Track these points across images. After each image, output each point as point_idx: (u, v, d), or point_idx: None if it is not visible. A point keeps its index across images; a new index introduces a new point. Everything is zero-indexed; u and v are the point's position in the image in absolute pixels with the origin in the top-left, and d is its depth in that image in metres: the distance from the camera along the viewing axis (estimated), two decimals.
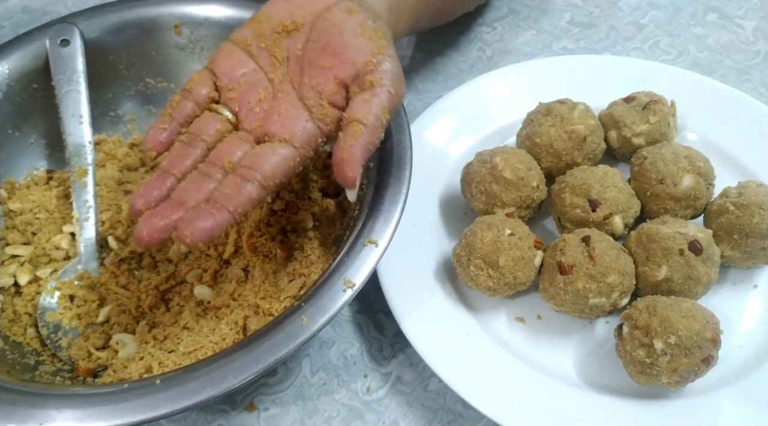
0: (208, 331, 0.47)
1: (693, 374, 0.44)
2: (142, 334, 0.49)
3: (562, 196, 0.52)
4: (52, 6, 0.78)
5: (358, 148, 0.39)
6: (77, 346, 0.48)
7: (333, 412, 0.49)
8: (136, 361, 0.46)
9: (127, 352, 0.48)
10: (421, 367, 0.51)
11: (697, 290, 0.47)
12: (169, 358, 0.46)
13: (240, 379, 0.37)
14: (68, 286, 0.51)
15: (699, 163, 0.52)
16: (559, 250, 0.48)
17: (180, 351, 0.46)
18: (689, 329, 0.43)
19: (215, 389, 0.37)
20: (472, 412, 0.48)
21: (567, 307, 0.48)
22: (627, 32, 0.74)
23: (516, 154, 0.53)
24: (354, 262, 0.41)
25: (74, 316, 0.50)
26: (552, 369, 0.48)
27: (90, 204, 0.53)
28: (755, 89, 0.68)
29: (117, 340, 0.48)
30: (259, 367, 0.38)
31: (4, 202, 0.55)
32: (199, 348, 0.46)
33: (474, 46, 0.73)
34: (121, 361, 0.47)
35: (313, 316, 0.39)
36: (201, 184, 0.39)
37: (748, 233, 0.49)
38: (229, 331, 0.47)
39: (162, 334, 0.48)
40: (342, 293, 0.40)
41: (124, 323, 0.50)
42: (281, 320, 0.40)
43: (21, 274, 0.52)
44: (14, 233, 0.53)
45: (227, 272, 0.51)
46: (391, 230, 0.43)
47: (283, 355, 0.38)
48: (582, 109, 0.55)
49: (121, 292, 0.51)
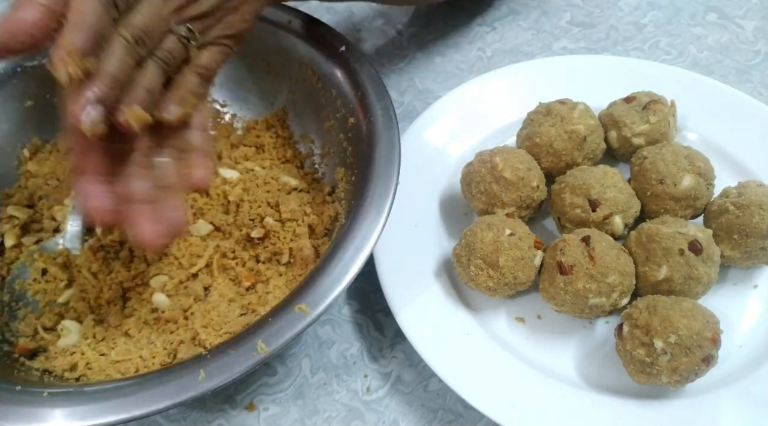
0: (144, 343, 0.47)
1: (693, 374, 0.44)
2: (87, 327, 0.49)
3: (562, 196, 0.52)
4: None
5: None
6: (28, 322, 0.49)
7: (333, 412, 0.49)
8: (66, 355, 0.47)
9: (67, 341, 0.48)
10: (421, 367, 0.51)
11: (697, 290, 0.48)
12: (97, 361, 0.46)
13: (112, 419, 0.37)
14: (45, 260, 0.51)
15: (699, 163, 0.52)
16: (559, 250, 0.48)
17: (111, 357, 0.46)
18: (689, 329, 0.43)
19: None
20: (472, 412, 0.48)
21: (567, 307, 0.48)
22: (627, 32, 0.74)
23: (516, 154, 0.53)
24: (274, 327, 0.40)
25: (40, 290, 0.50)
26: (552, 369, 0.48)
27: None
28: (755, 89, 0.68)
29: (63, 326, 0.49)
30: (148, 409, 0.37)
31: (25, 161, 0.56)
32: (127, 359, 0.46)
33: (474, 46, 0.73)
34: (56, 349, 0.47)
35: (214, 372, 0.38)
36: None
37: (748, 233, 0.49)
38: (161, 351, 0.47)
39: (102, 334, 0.48)
40: (250, 358, 0.39)
41: (79, 310, 0.50)
42: (182, 367, 0.39)
43: (9, 236, 0.52)
44: (23, 193, 0.54)
45: (190, 286, 0.51)
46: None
47: (169, 405, 0.37)
48: (582, 109, 0.55)
49: (89, 278, 0.51)
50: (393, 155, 0.47)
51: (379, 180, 0.46)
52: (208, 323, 0.48)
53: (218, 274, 0.51)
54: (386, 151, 0.47)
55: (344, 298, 0.55)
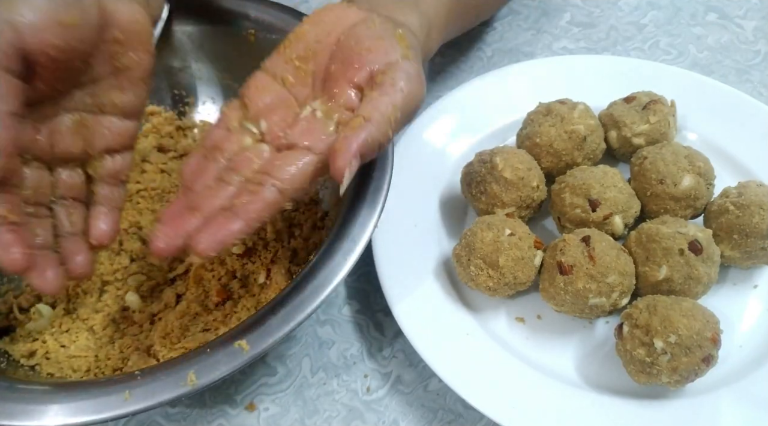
0: (105, 342, 0.47)
1: (693, 374, 0.44)
2: (57, 315, 0.49)
3: (562, 196, 0.52)
4: None
5: (354, 140, 0.37)
6: (5, 299, 0.49)
7: (333, 412, 0.49)
8: (27, 341, 0.46)
9: (36, 325, 0.48)
10: (421, 367, 0.51)
11: (698, 290, 0.48)
12: (55, 353, 0.46)
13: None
14: None
15: (699, 163, 0.52)
16: (559, 250, 0.48)
17: (69, 350, 0.46)
18: (689, 328, 0.43)
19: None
20: (472, 412, 0.48)
21: (567, 307, 0.48)
22: (627, 32, 0.74)
23: (516, 154, 0.53)
24: (208, 361, 0.38)
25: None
26: (552, 369, 0.48)
27: None
28: (755, 89, 0.68)
29: (36, 309, 0.48)
30: (65, 422, 0.36)
31: None
32: (83, 356, 0.46)
33: (474, 46, 0.73)
34: (22, 332, 0.47)
35: (140, 395, 0.37)
36: (218, 191, 0.39)
37: (748, 233, 0.49)
38: (117, 354, 0.46)
39: (69, 325, 0.48)
40: (178, 388, 0.37)
41: (56, 295, 0.50)
42: (115, 382, 0.38)
43: None
44: None
45: (165, 291, 0.50)
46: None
47: (90, 421, 0.36)
48: (582, 109, 0.55)
49: None
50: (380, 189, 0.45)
51: (357, 218, 0.43)
52: (167, 334, 0.47)
53: (192, 284, 0.50)
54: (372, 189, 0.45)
55: (344, 298, 0.55)
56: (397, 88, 0.39)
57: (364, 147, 0.37)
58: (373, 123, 0.38)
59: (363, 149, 0.37)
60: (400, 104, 0.39)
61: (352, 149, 0.37)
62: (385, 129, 0.38)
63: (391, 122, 0.39)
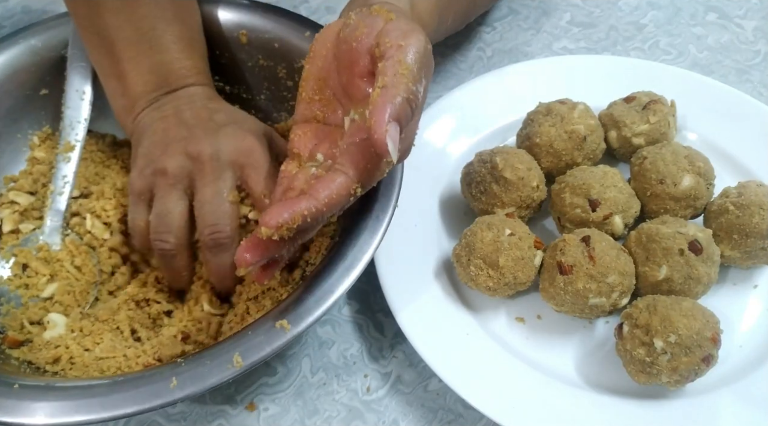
0: (131, 341, 0.47)
1: (693, 373, 0.44)
2: (74, 320, 0.48)
3: (562, 196, 0.52)
4: (51, 6, 0.78)
5: (381, 107, 0.36)
6: (13, 316, 0.49)
7: (333, 412, 0.49)
8: (51, 348, 0.46)
9: (53, 333, 0.48)
10: (421, 367, 0.51)
11: (698, 290, 0.48)
12: (81, 357, 0.46)
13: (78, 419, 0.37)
14: (25, 255, 0.51)
15: (699, 163, 0.52)
16: (559, 250, 0.48)
17: (95, 353, 0.46)
18: (689, 328, 0.43)
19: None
20: (472, 412, 0.48)
21: (567, 307, 0.48)
22: (627, 32, 0.74)
23: (516, 154, 0.53)
24: (252, 341, 0.39)
25: (22, 286, 0.50)
26: (552, 369, 0.48)
27: (68, 180, 0.53)
28: (755, 89, 0.68)
29: (49, 319, 0.48)
30: (115, 413, 0.37)
31: (33, 148, 0.56)
32: (111, 357, 0.46)
33: (474, 46, 0.73)
34: (40, 342, 0.47)
35: (187, 381, 0.38)
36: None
37: (748, 233, 0.49)
38: (149, 349, 0.46)
39: (89, 328, 0.48)
40: (224, 371, 0.38)
41: (65, 304, 0.50)
42: (156, 372, 0.39)
43: (7, 221, 0.52)
44: (27, 179, 0.55)
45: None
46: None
47: (137, 410, 0.37)
48: (582, 109, 0.55)
49: (73, 272, 0.51)
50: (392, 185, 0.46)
51: (377, 201, 0.45)
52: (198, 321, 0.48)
53: (198, 286, 0.50)
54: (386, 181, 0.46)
55: (344, 298, 0.55)
56: (394, 45, 0.38)
57: (392, 110, 0.37)
58: (389, 85, 0.37)
59: (393, 111, 0.37)
60: (404, 57, 0.38)
61: (382, 116, 0.36)
62: (404, 84, 0.37)
63: (405, 75, 0.38)
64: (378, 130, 0.36)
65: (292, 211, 0.36)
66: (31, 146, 0.56)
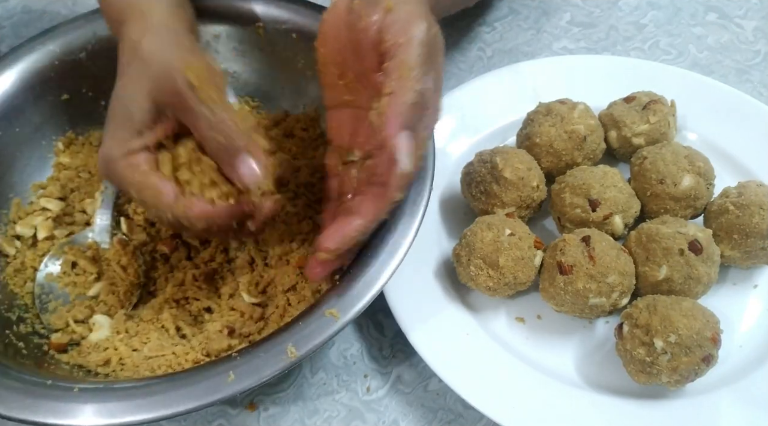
0: (177, 339, 0.47)
1: (693, 373, 0.44)
2: (119, 322, 0.49)
3: (562, 196, 0.52)
4: (51, 6, 0.78)
5: (390, 119, 0.37)
6: (59, 314, 0.49)
7: (333, 412, 0.49)
8: (99, 351, 0.46)
9: (99, 335, 0.48)
10: (421, 367, 0.51)
11: (698, 290, 0.48)
12: (130, 357, 0.46)
13: (136, 419, 0.37)
14: (75, 252, 0.51)
15: (699, 163, 0.52)
16: (559, 250, 0.48)
17: (143, 353, 0.46)
18: (690, 328, 0.43)
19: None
20: (472, 412, 0.48)
21: (567, 307, 0.48)
22: (627, 32, 0.74)
23: (516, 154, 0.53)
24: (304, 331, 0.40)
25: (70, 283, 0.50)
26: (552, 369, 0.48)
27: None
28: (755, 89, 0.68)
29: (95, 320, 0.49)
30: (165, 412, 0.37)
31: (59, 154, 0.56)
32: (160, 355, 0.46)
33: (474, 46, 0.73)
34: (88, 344, 0.47)
35: (243, 375, 0.38)
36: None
37: (748, 233, 0.49)
38: (197, 345, 0.46)
39: (135, 329, 0.48)
40: (279, 362, 0.38)
41: (109, 304, 0.50)
42: (211, 367, 0.39)
43: (42, 228, 0.52)
44: (55, 186, 0.55)
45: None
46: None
47: (196, 406, 0.37)
48: (582, 109, 0.55)
49: (119, 271, 0.51)
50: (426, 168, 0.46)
51: (410, 189, 0.45)
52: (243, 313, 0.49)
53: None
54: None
55: None
56: (398, 43, 0.38)
57: (401, 118, 0.37)
58: (395, 92, 0.38)
59: (401, 120, 0.37)
60: (405, 57, 0.38)
61: (391, 132, 0.37)
62: (409, 88, 0.38)
63: (410, 78, 0.38)
64: (389, 145, 0.37)
65: (344, 234, 0.40)
66: (56, 152, 0.56)
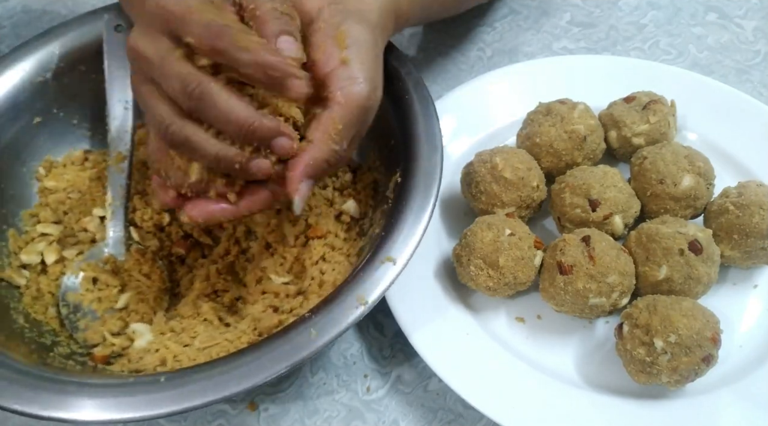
0: (223, 328, 0.48)
1: (693, 373, 0.44)
2: (160, 324, 0.49)
3: (562, 196, 0.52)
4: (51, 6, 0.78)
5: (300, 165, 0.40)
6: (93, 329, 0.49)
7: (333, 412, 0.49)
8: (152, 353, 0.46)
9: (143, 342, 0.48)
10: (421, 367, 0.51)
11: (698, 290, 0.48)
12: (184, 353, 0.46)
13: (242, 386, 0.37)
14: (93, 268, 0.51)
15: (699, 163, 0.52)
16: (559, 250, 0.48)
17: (195, 346, 0.46)
18: (690, 328, 0.43)
19: (217, 393, 0.37)
20: (472, 412, 0.48)
21: (567, 307, 0.48)
22: (627, 32, 0.74)
23: (516, 154, 0.53)
24: (368, 280, 0.41)
25: (95, 299, 0.50)
26: (552, 369, 0.48)
27: (124, 190, 0.53)
28: (755, 89, 0.68)
29: (133, 329, 0.49)
30: (262, 376, 0.37)
31: (41, 179, 0.55)
32: (214, 344, 0.46)
33: (474, 46, 0.73)
34: (136, 351, 0.47)
35: (324, 328, 0.39)
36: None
37: (748, 233, 0.49)
38: (246, 328, 0.47)
39: (179, 327, 0.48)
40: (354, 310, 0.40)
41: (141, 312, 0.50)
42: (289, 330, 0.39)
43: (48, 253, 0.52)
44: (47, 211, 0.54)
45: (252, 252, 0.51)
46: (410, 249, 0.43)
47: (289, 364, 0.38)
48: (582, 109, 0.55)
49: (143, 280, 0.51)
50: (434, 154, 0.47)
51: (423, 174, 0.46)
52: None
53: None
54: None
55: None
56: (335, 100, 0.41)
57: (309, 169, 0.40)
58: (315, 144, 0.40)
59: (310, 171, 0.40)
60: (338, 117, 0.41)
61: (297, 174, 0.40)
62: (328, 146, 0.40)
63: (333, 137, 0.41)
64: (292, 186, 0.40)
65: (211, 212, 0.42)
66: (39, 177, 0.55)
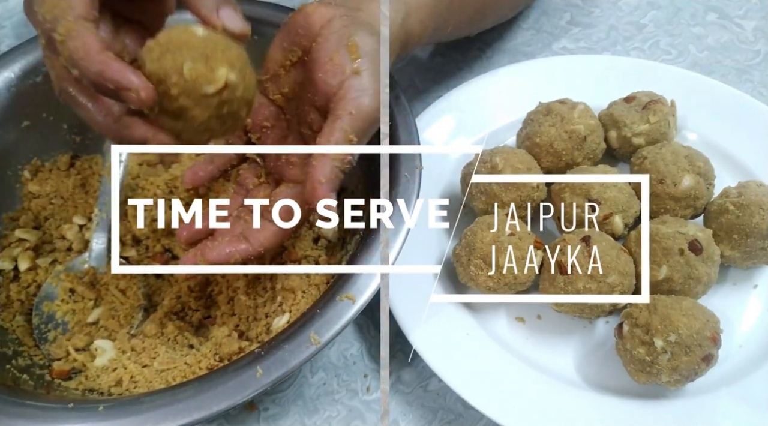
0: (186, 350, 0.47)
1: (693, 373, 0.44)
2: (122, 342, 0.48)
3: (562, 196, 0.52)
4: None
5: (318, 171, 0.40)
6: (59, 343, 0.48)
7: (333, 412, 0.49)
8: (109, 372, 0.46)
9: (103, 360, 0.47)
10: (421, 367, 0.51)
11: (698, 290, 0.48)
12: (141, 374, 0.45)
13: (177, 422, 0.37)
14: (72, 279, 0.51)
15: (699, 163, 0.52)
16: (559, 250, 0.48)
17: (154, 367, 0.46)
18: (690, 328, 0.43)
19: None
20: (472, 412, 0.48)
21: (567, 307, 0.48)
22: (627, 32, 0.74)
23: (516, 154, 0.53)
24: (324, 317, 0.41)
25: (69, 311, 0.50)
26: (552, 369, 0.48)
27: (114, 202, 0.52)
28: (755, 89, 0.68)
29: (97, 346, 0.48)
30: (202, 413, 0.37)
31: (26, 183, 0.55)
32: (172, 367, 0.45)
33: (474, 45, 0.73)
34: (94, 368, 0.47)
35: (270, 368, 0.39)
36: (236, 226, 0.45)
37: (748, 233, 0.49)
38: (208, 352, 0.46)
39: (141, 346, 0.48)
40: (305, 349, 0.39)
41: (110, 328, 0.49)
42: (238, 366, 0.39)
43: (22, 259, 0.52)
44: (28, 215, 0.54)
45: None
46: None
47: (231, 404, 0.37)
48: (582, 109, 0.55)
49: (118, 295, 0.50)
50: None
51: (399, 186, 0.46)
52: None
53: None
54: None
55: None
56: (347, 111, 0.41)
57: (328, 188, 0.40)
58: (329, 156, 0.40)
59: (331, 186, 0.40)
60: (350, 128, 0.41)
61: (320, 181, 0.40)
62: (341, 156, 0.41)
63: (346, 146, 0.41)
64: (315, 194, 0.40)
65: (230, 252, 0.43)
66: (24, 181, 0.55)
